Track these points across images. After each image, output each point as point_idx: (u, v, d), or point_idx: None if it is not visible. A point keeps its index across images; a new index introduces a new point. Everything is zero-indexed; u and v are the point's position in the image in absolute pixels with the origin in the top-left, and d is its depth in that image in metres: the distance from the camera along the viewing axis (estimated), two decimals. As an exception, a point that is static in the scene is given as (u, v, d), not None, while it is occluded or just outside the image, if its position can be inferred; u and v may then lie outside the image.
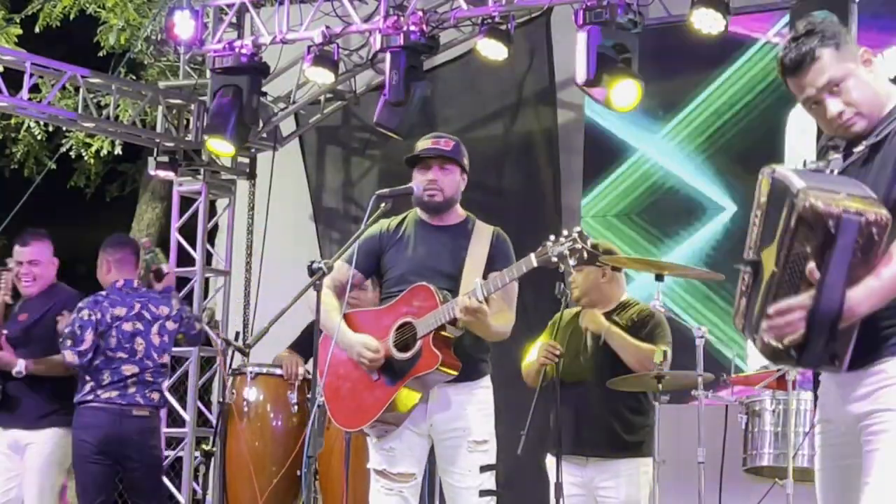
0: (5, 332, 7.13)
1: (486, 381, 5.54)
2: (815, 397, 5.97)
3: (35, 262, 7.27)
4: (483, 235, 5.55)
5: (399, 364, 5.36)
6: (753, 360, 7.81)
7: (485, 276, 5.34)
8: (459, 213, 5.64)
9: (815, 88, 3.56)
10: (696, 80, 8.67)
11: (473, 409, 5.44)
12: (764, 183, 3.53)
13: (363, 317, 5.57)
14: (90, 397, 7.07)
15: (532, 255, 5.20)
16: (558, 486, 5.85)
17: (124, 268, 7.27)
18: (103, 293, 7.22)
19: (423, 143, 5.63)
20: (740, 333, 3.65)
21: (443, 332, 5.33)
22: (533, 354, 6.21)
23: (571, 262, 5.13)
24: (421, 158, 5.57)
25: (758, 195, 3.56)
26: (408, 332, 5.37)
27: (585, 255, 5.13)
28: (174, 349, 7.84)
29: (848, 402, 3.53)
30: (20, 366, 7.10)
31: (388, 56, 8.18)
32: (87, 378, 7.07)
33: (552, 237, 5.17)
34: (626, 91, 7.62)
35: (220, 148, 9.07)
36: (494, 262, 5.45)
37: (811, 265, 3.32)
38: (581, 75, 7.57)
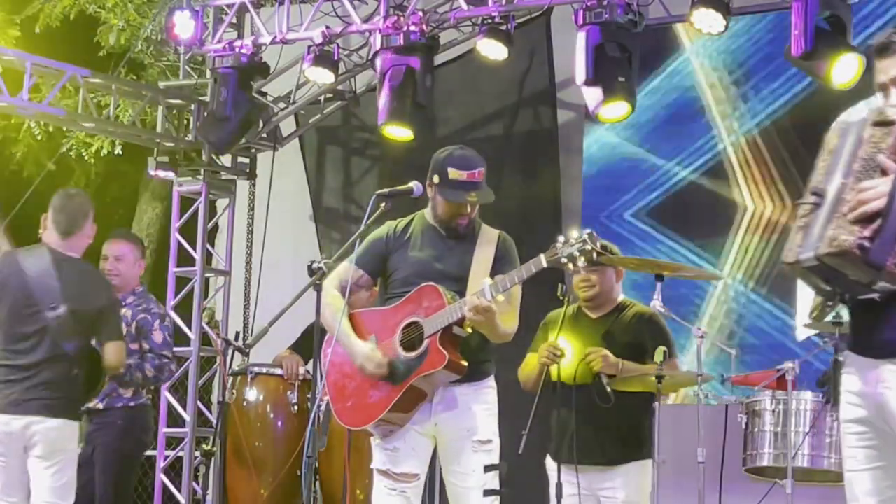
0: None
1: (491, 381, 5.55)
2: (827, 401, 6.04)
3: None
4: (489, 239, 5.54)
5: (405, 363, 5.37)
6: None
7: (491, 279, 5.34)
8: None
9: (888, 77, 3.72)
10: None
11: (478, 408, 5.44)
12: (834, 131, 3.68)
13: (369, 316, 5.57)
14: (142, 399, 7.12)
15: (542, 256, 5.21)
16: (558, 486, 5.85)
17: None
18: (151, 295, 7.26)
19: (457, 174, 5.47)
20: (791, 270, 3.66)
21: (450, 332, 5.33)
22: (530, 359, 6.22)
23: (581, 263, 5.13)
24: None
25: (826, 144, 3.70)
26: (415, 332, 5.37)
27: (595, 256, 5.14)
28: (174, 348, 7.84)
29: (888, 395, 3.53)
30: None
31: (418, 60, 8.09)
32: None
33: (561, 238, 5.17)
34: (617, 108, 7.70)
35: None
36: (500, 265, 5.46)
37: (889, 160, 3.46)
38: (580, 75, 7.58)
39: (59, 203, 6.48)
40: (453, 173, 5.47)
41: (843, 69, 7.29)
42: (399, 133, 8.38)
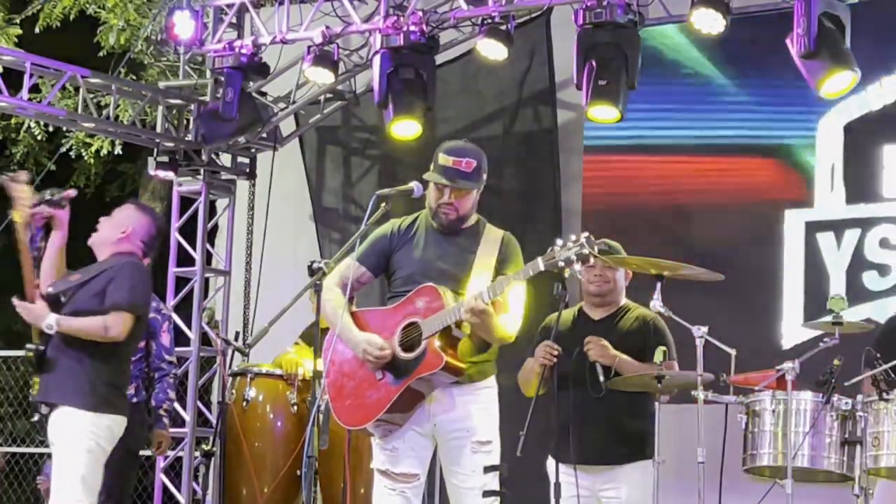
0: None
1: (491, 382, 5.54)
2: (826, 401, 6.04)
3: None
4: (492, 239, 5.55)
5: (404, 364, 5.37)
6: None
7: (493, 280, 5.34)
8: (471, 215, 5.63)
9: None
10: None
11: (477, 409, 5.44)
12: None
13: (370, 316, 5.57)
14: (141, 396, 7.19)
15: (539, 259, 5.21)
16: (556, 486, 5.84)
17: None
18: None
19: (444, 159, 5.53)
20: None
21: (448, 334, 5.33)
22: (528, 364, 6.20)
23: (577, 266, 5.14)
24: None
25: None
26: (413, 333, 5.37)
27: (592, 260, 5.14)
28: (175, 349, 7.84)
29: None
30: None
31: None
32: (135, 376, 7.11)
33: (559, 241, 5.17)
34: (603, 112, 7.78)
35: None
36: (503, 265, 5.46)
37: None
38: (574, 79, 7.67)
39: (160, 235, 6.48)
40: (442, 158, 5.52)
41: (836, 83, 7.32)
42: (407, 129, 8.34)
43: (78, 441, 5.97)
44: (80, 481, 5.95)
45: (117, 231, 6.32)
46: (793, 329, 8.08)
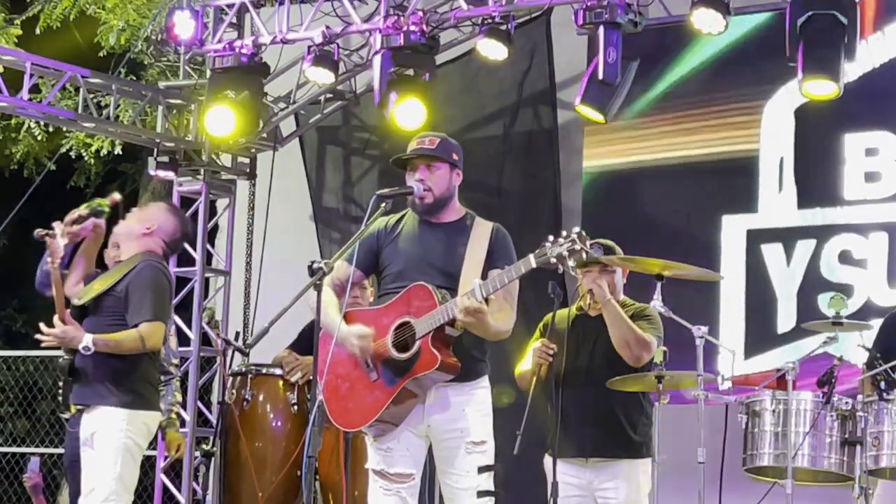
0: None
1: (485, 382, 5.52)
2: (826, 401, 6.05)
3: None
4: (482, 232, 5.53)
5: (398, 364, 5.36)
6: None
7: (484, 272, 5.33)
8: (458, 209, 5.62)
9: None
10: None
11: (471, 409, 5.42)
12: None
13: (363, 316, 5.56)
14: None
15: (531, 256, 5.20)
16: (555, 485, 5.85)
17: None
18: None
19: (411, 145, 5.64)
20: None
21: (442, 333, 5.32)
22: (527, 363, 6.19)
23: (570, 263, 5.13)
24: (408, 160, 5.57)
25: None
26: (407, 332, 5.36)
27: (584, 256, 5.14)
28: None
29: None
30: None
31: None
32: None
33: (551, 238, 5.17)
34: (591, 112, 7.89)
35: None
36: (494, 258, 5.44)
37: None
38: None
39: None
40: (409, 146, 5.62)
41: (815, 88, 7.18)
42: (412, 113, 8.31)
43: (115, 439, 6.00)
44: (117, 479, 5.98)
45: (143, 225, 6.36)
46: (730, 365, 6.90)
